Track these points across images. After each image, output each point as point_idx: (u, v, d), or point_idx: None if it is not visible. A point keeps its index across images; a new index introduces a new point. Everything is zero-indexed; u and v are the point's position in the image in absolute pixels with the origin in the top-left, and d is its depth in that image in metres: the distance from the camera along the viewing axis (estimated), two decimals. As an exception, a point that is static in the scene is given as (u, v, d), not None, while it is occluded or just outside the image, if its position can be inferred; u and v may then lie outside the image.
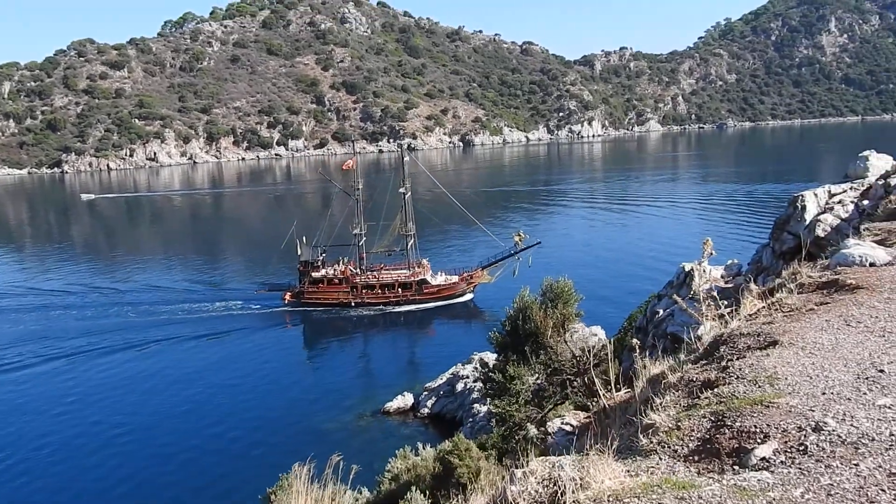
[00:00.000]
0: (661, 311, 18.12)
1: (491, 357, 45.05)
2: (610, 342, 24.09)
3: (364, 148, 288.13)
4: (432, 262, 69.87)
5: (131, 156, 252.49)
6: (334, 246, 70.27)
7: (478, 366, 46.25)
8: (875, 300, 6.44)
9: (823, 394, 4.56)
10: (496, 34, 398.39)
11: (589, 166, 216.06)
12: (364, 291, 66.69)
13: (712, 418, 4.67)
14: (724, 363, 5.56)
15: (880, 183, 13.82)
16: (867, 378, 4.73)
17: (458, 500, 7.12)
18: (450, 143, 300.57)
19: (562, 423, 9.34)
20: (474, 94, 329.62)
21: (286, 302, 66.14)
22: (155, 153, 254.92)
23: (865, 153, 14.42)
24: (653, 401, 5.91)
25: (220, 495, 33.45)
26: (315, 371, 51.09)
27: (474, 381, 42.12)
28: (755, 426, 4.30)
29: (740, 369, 5.20)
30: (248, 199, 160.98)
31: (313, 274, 66.31)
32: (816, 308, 6.55)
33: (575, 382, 16.72)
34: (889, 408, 4.23)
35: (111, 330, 59.53)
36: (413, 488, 17.25)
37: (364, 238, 68.59)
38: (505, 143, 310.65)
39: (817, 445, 3.92)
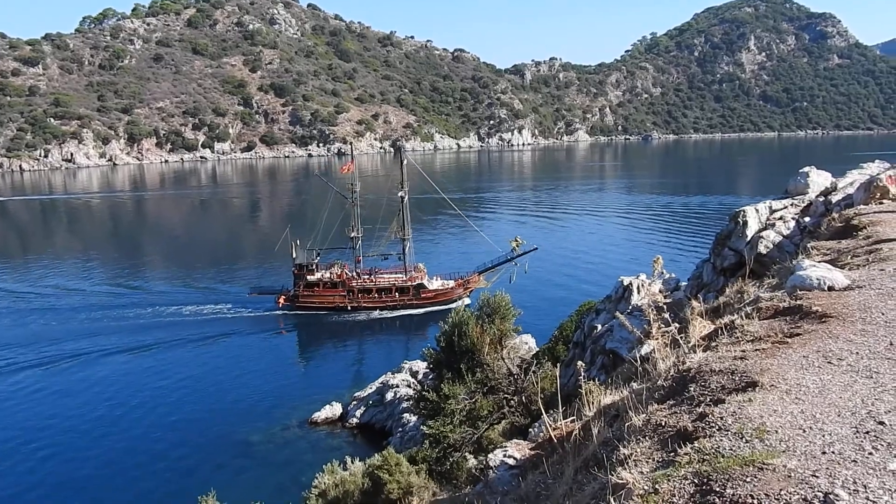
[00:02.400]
0: (600, 327, 17.73)
1: (421, 366, 44.42)
2: (544, 357, 23.62)
3: (293, 152, 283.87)
4: (427, 266, 69.09)
5: (46, 156, 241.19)
6: (329, 249, 69.07)
7: (408, 375, 45.52)
8: (850, 332, 5.94)
9: (824, 453, 3.94)
10: (428, 40, 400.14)
11: (519, 174, 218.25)
12: (360, 295, 65.37)
13: (696, 482, 3.99)
14: (700, 408, 4.90)
15: (821, 200, 13.67)
16: (867, 432, 4.15)
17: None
18: (381, 148, 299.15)
19: (504, 456, 8.61)
20: (405, 99, 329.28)
21: (280, 305, 64.44)
22: (72, 154, 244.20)
23: (805, 169, 14.30)
24: (616, 448, 5.23)
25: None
26: (258, 377, 49.10)
27: (406, 391, 41.33)
28: (751, 496, 3.64)
29: (721, 418, 4.56)
30: (173, 202, 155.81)
31: (309, 277, 64.76)
32: (789, 341, 6.00)
33: (512, 401, 16.08)
34: (904, 473, 3.63)
35: (77, 336, 56.66)
36: (341, 507, 16.30)
37: (360, 241, 67.46)
38: (436, 149, 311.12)
39: (832, 526, 3.28)
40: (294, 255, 65.09)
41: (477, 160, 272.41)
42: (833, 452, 3.95)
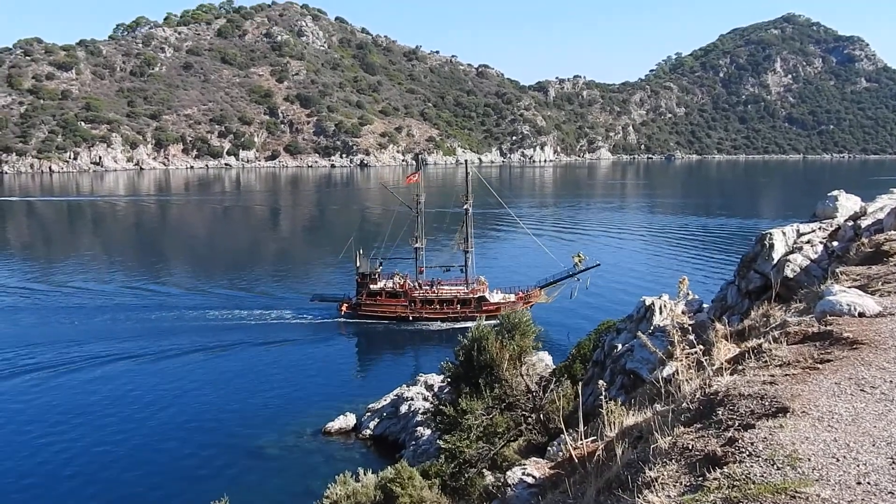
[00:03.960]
0: (620, 346, 17.56)
1: (436, 379, 44.26)
2: (562, 375, 23.45)
3: (316, 162, 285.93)
4: (487, 278, 69.30)
5: (75, 159, 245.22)
6: (392, 259, 69.73)
7: (422, 388, 45.37)
8: (883, 360, 5.82)
9: (859, 483, 3.84)
10: (453, 55, 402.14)
11: (540, 191, 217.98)
12: (422, 306, 65.32)
13: (726, 507, 3.90)
14: (728, 433, 4.81)
15: (849, 224, 13.48)
16: (904, 463, 4.04)
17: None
18: (403, 160, 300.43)
19: (523, 474, 8.52)
20: (429, 113, 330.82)
21: (342, 313, 65.03)
22: (100, 157, 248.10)
23: (834, 193, 14.12)
24: (642, 471, 5.14)
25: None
26: (286, 383, 48.98)
27: (421, 404, 41.18)
28: (784, 525, 3.55)
29: (752, 444, 4.46)
30: (202, 208, 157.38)
31: (371, 286, 65.13)
32: (819, 367, 5.89)
33: (530, 419, 15.95)
34: (943, 508, 3.53)
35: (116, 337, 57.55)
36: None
37: (424, 252, 68.01)
38: (458, 163, 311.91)
39: (869, 559, 3.18)
40: (358, 264, 65.86)
41: (498, 175, 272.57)
42: (868, 483, 3.85)
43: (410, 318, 64.97)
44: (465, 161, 77.48)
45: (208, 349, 55.51)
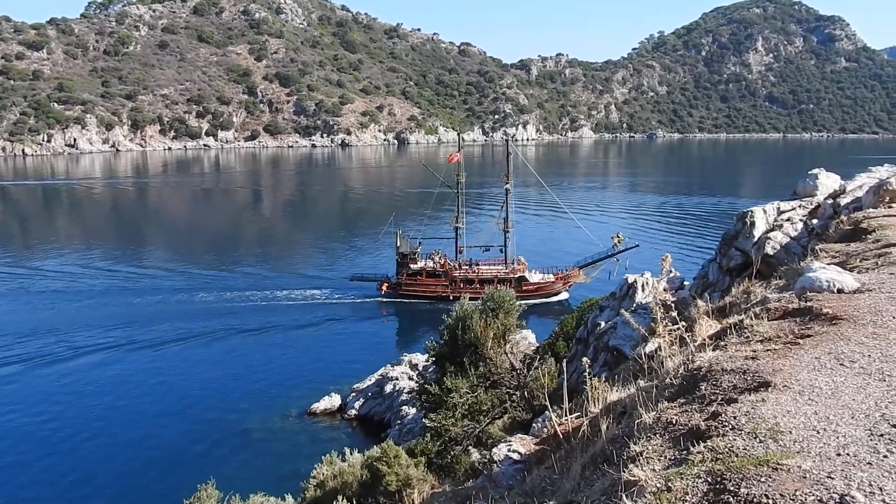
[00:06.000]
0: (604, 323, 17.72)
1: (421, 358, 44.39)
2: (545, 353, 23.62)
3: (297, 142, 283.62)
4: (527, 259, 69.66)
5: (49, 141, 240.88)
6: (429, 239, 70.83)
7: (407, 368, 45.50)
8: (862, 335, 5.93)
9: (838, 455, 3.94)
10: (434, 33, 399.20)
11: (523, 169, 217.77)
12: (462, 286, 65.28)
13: (709, 480, 3.99)
14: (712, 407, 4.90)
15: (829, 202, 13.64)
16: (882, 435, 4.14)
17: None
18: (384, 140, 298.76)
19: (508, 451, 8.61)
20: (410, 92, 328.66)
21: (382, 292, 65.68)
22: (75, 139, 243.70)
23: (814, 171, 14.27)
24: (626, 445, 5.22)
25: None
26: (290, 365, 49.45)
27: (406, 383, 41.35)
28: (766, 496, 3.63)
29: (734, 417, 4.55)
30: (182, 191, 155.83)
31: (412, 266, 65.76)
32: (800, 342, 6.00)
33: (514, 396, 16.09)
34: (920, 477, 3.62)
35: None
36: (339, 496, 16.34)
37: (464, 231, 68.42)
38: (440, 142, 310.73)
39: (849, 528, 3.27)
40: (398, 244, 66.53)
41: (481, 154, 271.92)
42: (848, 454, 3.95)
43: (451, 297, 65.32)
44: (506, 140, 77.11)
45: (230, 332, 56.02)
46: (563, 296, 66.87)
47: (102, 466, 34.74)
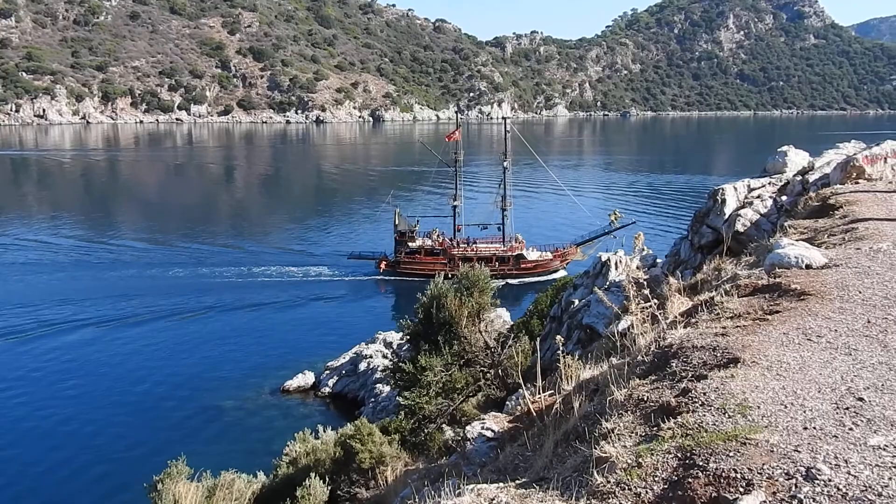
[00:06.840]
0: (577, 301, 17.82)
1: (395, 336, 44.41)
2: (520, 331, 23.75)
3: (271, 118, 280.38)
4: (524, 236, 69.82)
5: (17, 111, 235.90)
6: (427, 217, 70.96)
7: (381, 346, 45.52)
8: (829, 310, 6.02)
9: (805, 429, 3.99)
10: (409, 9, 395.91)
11: (498, 147, 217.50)
12: (460, 263, 65.05)
13: (679, 455, 4.03)
14: (682, 384, 4.94)
15: (798, 179, 13.79)
16: (847, 408, 4.21)
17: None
18: (359, 117, 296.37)
19: (482, 428, 8.66)
20: (385, 69, 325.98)
21: (381, 270, 65.63)
22: (44, 110, 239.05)
23: (784, 148, 14.39)
24: (598, 422, 5.26)
25: (107, 484, 31.43)
26: (272, 343, 49.24)
27: (380, 361, 41.37)
28: (734, 470, 3.68)
29: (704, 393, 4.60)
30: (150, 165, 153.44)
31: (410, 244, 65.70)
32: (769, 318, 6.07)
33: (488, 374, 16.17)
34: (884, 449, 3.69)
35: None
36: (312, 473, 16.35)
37: (462, 209, 68.47)
38: (415, 120, 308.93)
39: (814, 500, 3.32)
40: (396, 223, 66.53)
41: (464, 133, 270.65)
42: (814, 428, 4.01)
43: (449, 275, 65.09)
44: (505, 119, 77.41)
45: (220, 308, 55.85)
46: (561, 273, 67.44)
47: (70, 444, 34.40)
